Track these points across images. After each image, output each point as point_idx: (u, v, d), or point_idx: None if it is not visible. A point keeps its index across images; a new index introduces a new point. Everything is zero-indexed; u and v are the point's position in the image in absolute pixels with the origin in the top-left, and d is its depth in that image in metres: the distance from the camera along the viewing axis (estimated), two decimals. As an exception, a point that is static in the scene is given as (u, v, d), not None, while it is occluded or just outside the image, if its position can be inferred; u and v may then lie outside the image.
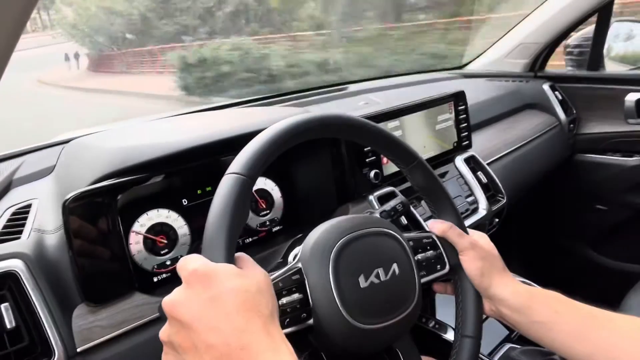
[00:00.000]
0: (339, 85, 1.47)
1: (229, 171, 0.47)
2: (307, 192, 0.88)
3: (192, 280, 0.40)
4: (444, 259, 0.63)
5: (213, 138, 0.73)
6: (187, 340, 0.38)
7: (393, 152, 0.62)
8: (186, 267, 0.41)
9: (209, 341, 0.37)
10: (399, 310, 0.53)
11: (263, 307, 0.40)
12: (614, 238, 1.60)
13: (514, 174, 1.29)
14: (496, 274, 0.62)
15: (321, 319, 0.50)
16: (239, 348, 0.37)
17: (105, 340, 0.60)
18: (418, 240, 0.62)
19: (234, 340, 0.37)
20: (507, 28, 1.72)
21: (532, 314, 0.58)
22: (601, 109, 1.57)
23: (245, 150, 0.49)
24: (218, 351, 0.37)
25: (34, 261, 0.58)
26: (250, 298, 0.40)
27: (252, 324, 0.39)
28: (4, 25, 0.35)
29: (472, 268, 0.62)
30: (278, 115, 0.87)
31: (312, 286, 0.50)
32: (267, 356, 0.38)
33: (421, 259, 0.61)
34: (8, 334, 0.53)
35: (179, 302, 0.39)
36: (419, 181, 0.64)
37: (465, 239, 0.63)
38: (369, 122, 0.59)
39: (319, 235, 0.54)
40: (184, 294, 0.40)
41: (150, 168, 0.66)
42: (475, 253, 0.62)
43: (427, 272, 0.61)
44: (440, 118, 1.10)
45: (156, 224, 0.70)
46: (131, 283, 0.64)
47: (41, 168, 0.80)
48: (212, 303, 0.39)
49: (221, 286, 0.39)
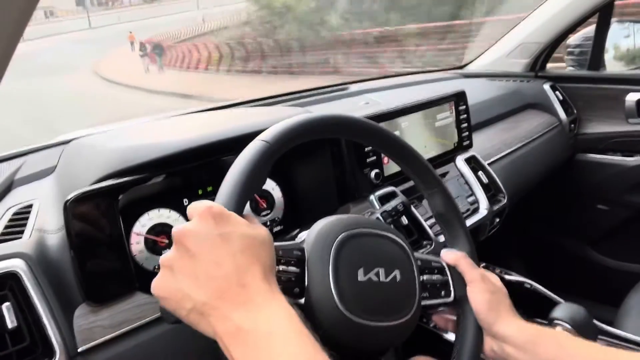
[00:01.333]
0: (340, 85, 1.47)
1: (257, 138, 0.50)
2: (308, 192, 0.88)
3: (207, 216, 0.42)
4: (449, 288, 0.61)
5: (214, 138, 0.73)
6: (189, 269, 0.40)
7: (417, 173, 0.63)
8: (201, 205, 0.43)
9: (211, 273, 0.40)
10: (391, 317, 0.52)
11: (264, 258, 0.43)
12: (615, 238, 1.60)
13: (515, 174, 1.29)
14: (503, 310, 0.60)
15: (313, 301, 0.49)
16: (238, 285, 0.40)
17: (106, 340, 0.60)
18: (426, 261, 0.61)
19: (235, 277, 0.40)
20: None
21: (538, 351, 0.56)
22: (602, 109, 1.56)
23: (280, 124, 0.52)
24: (218, 284, 0.39)
25: (35, 261, 0.58)
26: (255, 246, 0.42)
27: (253, 268, 0.41)
28: (4, 26, 0.35)
29: (480, 300, 0.59)
30: (279, 115, 0.87)
31: (310, 266, 0.50)
32: (264, 297, 0.40)
33: (426, 280, 0.59)
34: (9, 333, 0.54)
35: (191, 232, 0.41)
36: (438, 207, 0.64)
37: (476, 271, 0.61)
38: (399, 138, 0.61)
39: (329, 221, 0.54)
40: (197, 226, 0.42)
41: (151, 168, 0.67)
42: (485, 286, 0.60)
43: (430, 294, 0.59)
44: (441, 118, 1.10)
45: (157, 224, 0.70)
46: (132, 283, 0.64)
47: (42, 168, 0.80)
48: (221, 240, 0.41)
49: (231, 228, 0.42)
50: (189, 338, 0.65)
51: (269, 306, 0.40)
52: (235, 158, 0.49)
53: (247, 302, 0.39)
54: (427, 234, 0.93)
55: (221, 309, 0.39)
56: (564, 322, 0.68)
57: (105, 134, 0.88)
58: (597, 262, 1.63)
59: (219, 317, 0.39)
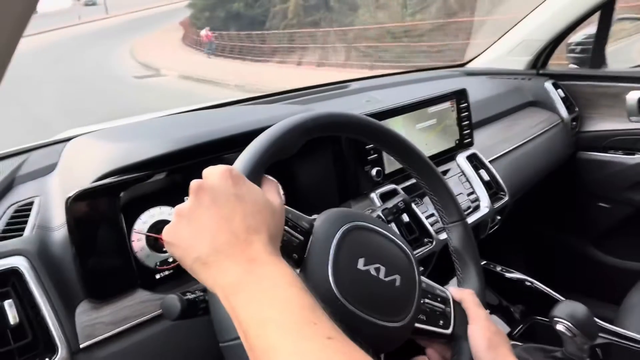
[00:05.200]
0: (341, 83, 1.47)
1: (298, 115, 0.54)
2: (309, 189, 0.88)
3: (227, 176, 0.44)
4: (449, 320, 0.59)
5: (215, 135, 0.73)
6: (201, 220, 0.42)
7: (443, 201, 0.63)
8: (219, 167, 0.45)
9: (220, 227, 0.41)
10: (382, 317, 0.50)
11: (272, 226, 0.44)
12: (616, 236, 1.60)
13: (516, 172, 1.29)
14: (502, 352, 0.58)
15: (308, 273, 0.49)
16: (245, 242, 0.41)
17: (108, 336, 0.60)
18: (431, 287, 0.60)
19: (243, 235, 0.41)
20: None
21: None
22: (603, 107, 1.56)
23: (323, 112, 0.56)
24: (225, 238, 0.41)
25: (37, 258, 0.58)
26: (266, 212, 0.44)
27: (261, 230, 0.42)
28: (4, 25, 0.35)
29: (481, 337, 0.58)
30: (281, 112, 0.87)
31: (314, 239, 0.50)
32: (268, 258, 0.41)
33: (427, 304, 0.58)
34: (12, 330, 0.54)
35: (208, 186, 0.43)
36: (455, 242, 0.63)
37: (482, 310, 0.60)
38: (431, 164, 0.63)
39: (346, 209, 0.55)
40: (215, 182, 0.43)
41: (152, 165, 0.67)
42: (488, 325, 0.59)
43: (427, 319, 0.57)
44: (443, 116, 1.10)
45: (158, 221, 0.70)
46: (134, 280, 0.64)
47: (44, 165, 0.80)
48: (236, 198, 0.43)
49: (246, 191, 0.44)
50: (190, 335, 0.65)
51: (272, 264, 0.40)
52: (237, 155, 0.50)
53: (250, 258, 0.40)
54: (428, 232, 0.93)
55: (225, 261, 0.40)
56: (565, 320, 0.68)
57: (106, 131, 0.88)
58: (598, 260, 1.63)
59: (222, 269, 0.40)
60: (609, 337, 0.95)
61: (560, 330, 0.69)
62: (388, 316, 0.51)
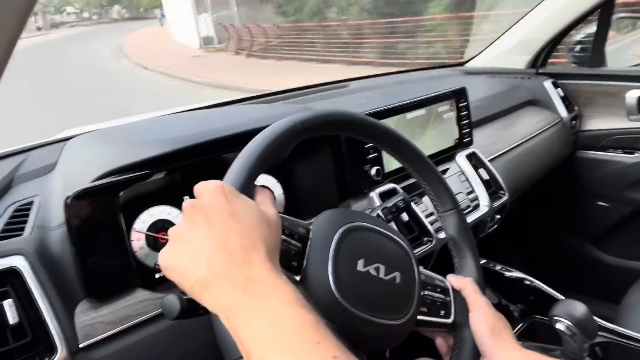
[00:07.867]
0: (340, 82, 1.47)
1: (287, 118, 0.53)
2: (309, 188, 0.88)
3: (220, 194, 0.43)
4: (450, 309, 0.59)
5: (215, 135, 0.73)
6: (197, 242, 0.41)
7: (436, 190, 0.62)
8: (212, 183, 0.44)
9: (217, 248, 0.41)
10: (384, 316, 0.50)
11: (269, 240, 0.44)
12: (615, 235, 1.60)
13: (515, 171, 1.29)
14: (506, 337, 0.57)
15: (308, 280, 0.48)
16: (243, 262, 0.40)
17: (107, 336, 0.60)
18: (431, 278, 0.60)
19: (240, 254, 0.40)
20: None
21: None
22: (603, 106, 1.56)
23: (314, 112, 0.55)
24: (223, 259, 0.40)
25: (36, 258, 0.58)
26: (262, 227, 0.44)
27: (258, 248, 0.42)
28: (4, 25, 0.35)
29: (484, 324, 0.58)
30: (280, 112, 0.87)
31: (312, 245, 0.50)
32: (268, 275, 0.40)
33: (427, 295, 0.57)
34: (11, 330, 0.54)
35: (202, 206, 0.43)
36: (451, 230, 0.63)
37: (481, 297, 0.60)
38: (421, 152, 0.62)
39: (342, 210, 0.54)
40: (208, 201, 0.43)
41: (151, 165, 0.67)
42: (490, 311, 0.59)
43: (428, 311, 0.57)
44: (442, 115, 1.10)
45: (158, 220, 0.70)
46: (133, 279, 0.64)
47: (43, 165, 0.80)
48: (230, 218, 0.42)
49: (240, 207, 0.43)
50: (190, 334, 0.65)
51: (271, 282, 0.40)
52: (235, 155, 0.49)
53: (249, 278, 0.40)
54: (427, 231, 0.93)
55: (224, 283, 0.39)
56: (564, 319, 0.68)
57: (105, 131, 0.88)
58: (598, 259, 1.63)
59: (221, 291, 0.39)
60: (608, 336, 0.95)
61: (560, 329, 0.68)
62: (391, 314, 0.51)
